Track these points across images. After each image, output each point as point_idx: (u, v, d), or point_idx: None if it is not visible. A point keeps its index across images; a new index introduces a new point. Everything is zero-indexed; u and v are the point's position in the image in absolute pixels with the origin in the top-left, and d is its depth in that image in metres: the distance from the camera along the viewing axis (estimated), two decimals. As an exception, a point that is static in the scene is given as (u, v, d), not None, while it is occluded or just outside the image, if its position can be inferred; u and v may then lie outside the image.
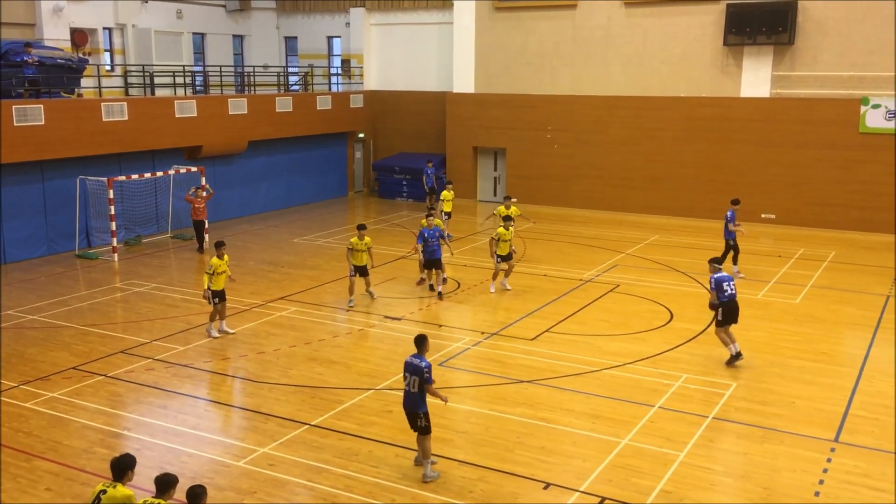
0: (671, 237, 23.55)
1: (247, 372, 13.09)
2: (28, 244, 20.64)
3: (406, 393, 9.49)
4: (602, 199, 27.60)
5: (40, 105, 19.95)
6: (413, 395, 9.41)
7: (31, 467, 9.85)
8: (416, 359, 9.42)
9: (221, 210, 25.34)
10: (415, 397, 9.40)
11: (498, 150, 29.66)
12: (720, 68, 25.50)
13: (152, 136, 22.89)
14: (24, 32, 23.63)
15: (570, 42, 27.50)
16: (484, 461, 10.01)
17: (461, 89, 29.42)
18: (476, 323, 15.66)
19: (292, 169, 28.90)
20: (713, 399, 11.91)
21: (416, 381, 9.33)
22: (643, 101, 26.58)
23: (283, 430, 10.85)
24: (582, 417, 11.28)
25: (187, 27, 29.55)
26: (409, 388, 9.40)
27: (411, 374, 9.37)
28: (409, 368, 9.43)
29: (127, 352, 13.86)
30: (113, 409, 11.62)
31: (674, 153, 26.42)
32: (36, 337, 14.71)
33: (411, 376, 9.37)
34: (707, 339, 14.59)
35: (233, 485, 9.44)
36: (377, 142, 32.63)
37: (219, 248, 14.89)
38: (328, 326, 15.31)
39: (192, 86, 27.32)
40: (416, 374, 9.33)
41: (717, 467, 9.98)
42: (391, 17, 31.59)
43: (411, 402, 9.45)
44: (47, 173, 20.85)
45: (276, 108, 27.15)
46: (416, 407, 9.43)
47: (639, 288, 18.00)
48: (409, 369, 9.42)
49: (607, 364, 13.30)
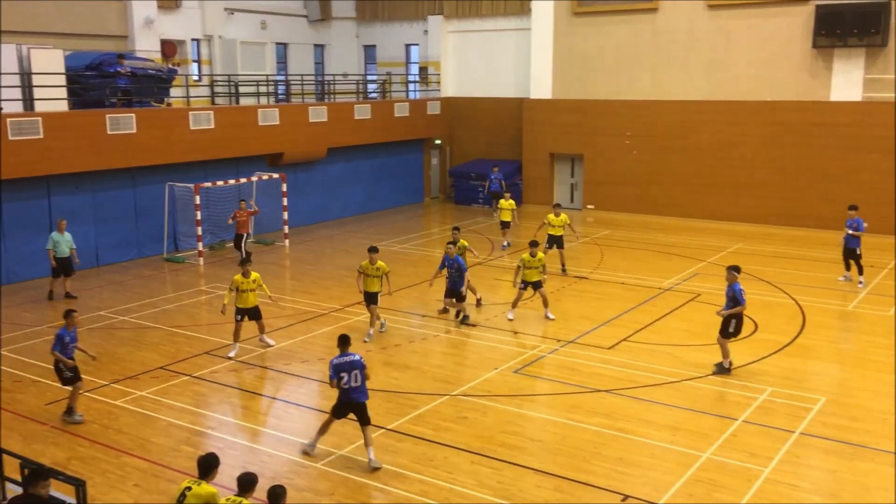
0: (755, 245, 22.86)
1: (324, 375, 13.24)
2: (120, 248, 21.50)
3: (348, 389, 10.05)
4: (682, 205, 27.01)
5: (132, 114, 20.77)
6: (357, 389, 10.10)
7: (121, 463, 10.23)
8: (348, 356, 10.09)
9: (301, 216, 25.86)
10: (360, 390, 10.12)
11: (575, 157, 29.39)
12: (809, 71, 24.66)
13: (236, 143, 23.57)
14: (118, 44, 24.66)
15: (650, 46, 27.05)
16: (560, 471, 9.90)
17: (538, 95, 29.28)
18: (552, 331, 15.52)
19: (370, 175, 29.29)
20: (800, 413, 11.49)
21: (358, 374, 10.05)
22: (726, 105, 25.91)
23: (360, 433, 10.96)
24: (661, 429, 11.04)
25: (271, 37, 30.33)
26: (352, 383, 10.03)
27: (351, 370, 10.01)
28: (347, 367, 10.01)
29: (211, 353, 14.27)
30: (198, 408, 11.98)
31: (758, 159, 25.66)
32: (126, 337, 15.30)
33: (352, 372, 10.01)
34: (794, 352, 14.10)
35: (311, 486, 9.60)
36: (453, 148, 32.77)
37: (243, 265, 14.18)
38: (404, 332, 15.42)
39: (275, 94, 28.01)
40: (356, 368, 10.05)
41: (804, 484, 9.61)
42: (468, 24, 31.71)
43: (357, 394, 10.10)
44: (138, 179, 21.69)
45: (354, 115, 27.58)
46: (364, 397, 10.15)
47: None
48: (347, 367, 10.01)
49: (687, 375, 12.99)
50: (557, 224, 19.52)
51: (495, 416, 11.48)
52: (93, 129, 19.83)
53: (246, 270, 14.06)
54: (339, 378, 9.97)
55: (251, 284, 14.01)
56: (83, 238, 20.42)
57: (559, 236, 19.52)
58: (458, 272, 15.49)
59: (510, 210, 22.16)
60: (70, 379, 11.38)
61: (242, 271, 14.09)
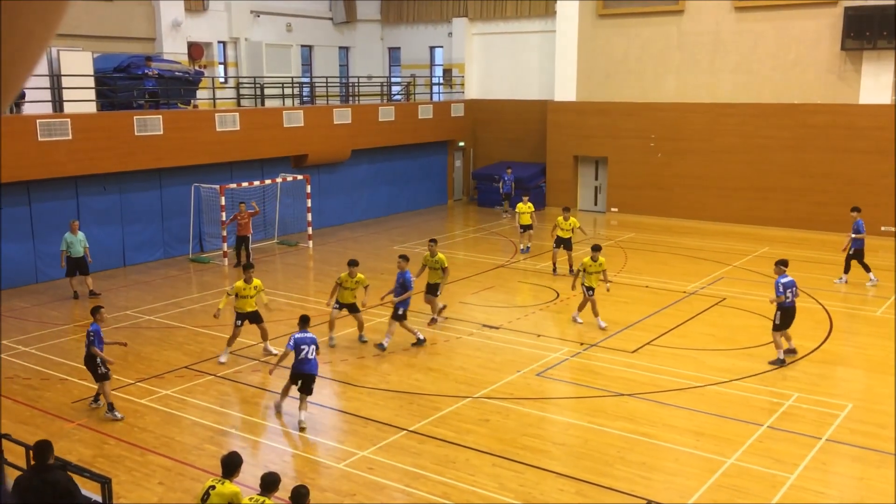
0: (782, 249, 22.57)
1: (347, 376, 13.35)
2: (146, 248, 21.73)
3: (303, 360, 11.22)
4: (707, 209, 26.80)
5: (159, 116, 20.99)
6: (311, 362, 11.30)
7: (145, 461, 10.33)
8: (307, 334, 11.41)
9: (324, 217, 25.99)
10: (313, 363, 11.34)
11: (599, 159, 29.26)
12: (837, 74, 24.36)
13: (262, 145, 23.74)
14: (145, 46, 24.95)
15: (676, 48, 26.88)
16: (582, 474, 9.85)
17: (562, 97, 29.20)
18: (575, 334, 15.46)
19: (393, 177, 29.36)
20: (827, 420, 11.34)
21: (314, 349, 11.30)
22: (753, 108, 25.68)
23: (382, 434, 11.00)
24: (685, 434, 10.95)
25: (296, 40, 30.52)
26: (308, 356, 11.23)
27: (311, 345, 11.27)
28: (308, 341, 11.29)
29: (235, 353, 14.36)
30: (222, 407, 12.07)
31: (785, 162, 25.39)
32: (152, 336, 15.46)
33: (310, 346, 11.26)
34: (821, 357, 13.92)
35: (333, 486, 9.63)
36: (477, 150, 32.76)
37: (246, 270, 14.06)
38: (426, 333, 15.41)
39: (300, 96, 28.17)
40: (313, 343, 11.33)
41: (831, 492, 9.49)
42: (493, 26, 31.70)
43: (310, 367, 11.30)
44: (164, 180, 21.91)
45: (378, 117, 27.66)
46: (315, 370, 11.39)
47: (746, 302, 17.36)
48: (308, 342, 11.29)
49: (712, 380, 12.88)
50: (566, 227, 19.64)
51: (517, 419, 11.45)
52: (120, 131, 20.07)
53: (248, 276, 13.83)
54: (300, 350, 11.26)
55: (252, 291, 13.79)
56: (110, 238, 20.69)
57: (567, 238, 19.65)
58: (402, 287, 14.29)
59: (529, 213, 21.96)
60: (105, 375, 11.56)
61: (245, 277, 13.86)
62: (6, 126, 18.08)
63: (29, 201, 19.14)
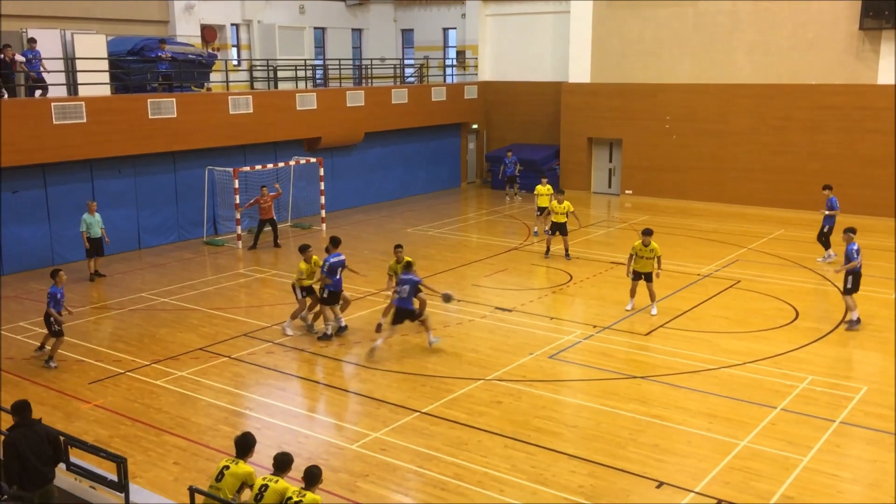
0: (798, 232, 22.45)
1: (360, 358, 13.40)
2: (161, 231, 21.84)
3: (339, 281, 13.81)
4: (722, 191, 26.60)
5: (173, 98, 21.03)
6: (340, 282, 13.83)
7: (161, 441, 10.44)
8: (338, 256, 13.71)
9: (338, 200, 26.01)
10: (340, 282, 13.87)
11: (613, 141, 29.09)
12: (855, 54, 24.05)
13: (275, 128, 23.75)
14: (159, 29, 24.97)
15: (692, 29, 26.59)
16: (594, 456, 9.87)
17: (576, 79, 29.00)
18: (588, 316, 15.44)
19: (406, 160, 29.32)
20: (841, 403, 11.30)
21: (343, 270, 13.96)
22: (769, 89, 25.41)
23: (395, 416, 11.06)
24: (698, 416, 10.93)
25: (309, 22, 30.41)
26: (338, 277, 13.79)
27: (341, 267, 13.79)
28: (341, 264, 13.67)
29: (249, 335, 14.46)
30: (236, 389, 12.16)
31: (801, 143, 25.15)
32: (167, 318, 15.58)
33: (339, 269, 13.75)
34: (836, 339, 13.85)
35: (346, 467, 9.70)
36: (490, 133, 32.64)
37: (304, 251, 14.38)
38: (440, 316, 15.44)
39: (313, 79, 28.12)
40: (343, 266, 13.99)
41: (845, 474, 9.46)
42: (507, 7, 31.47)
43: (341, 285, 13.82)
44: (178, 163, 21.99)
45: (391, 99, 27.59)
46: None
47: (761, 284, 17.27)
48: (341, 265, 13.73)
49: (726, 362, 12.84)
50: (560, 211, 19.42)
51: (530, 401, 11.47)
52: (134, 114, 20.13)
53: (308, 256, 14.26)
54: (334, 272, 13.32)
55: (314, 268, 14.33)
56: (125, 221, 20.81)
57: (563, 223, 19.45)
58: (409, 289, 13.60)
59: (548, 196, 21.67)
60: (58, 332, 12.95)
61: (305, 258, 14.26)
62: (20, 109, 18.20)
63: (45, 184, 19.27)
